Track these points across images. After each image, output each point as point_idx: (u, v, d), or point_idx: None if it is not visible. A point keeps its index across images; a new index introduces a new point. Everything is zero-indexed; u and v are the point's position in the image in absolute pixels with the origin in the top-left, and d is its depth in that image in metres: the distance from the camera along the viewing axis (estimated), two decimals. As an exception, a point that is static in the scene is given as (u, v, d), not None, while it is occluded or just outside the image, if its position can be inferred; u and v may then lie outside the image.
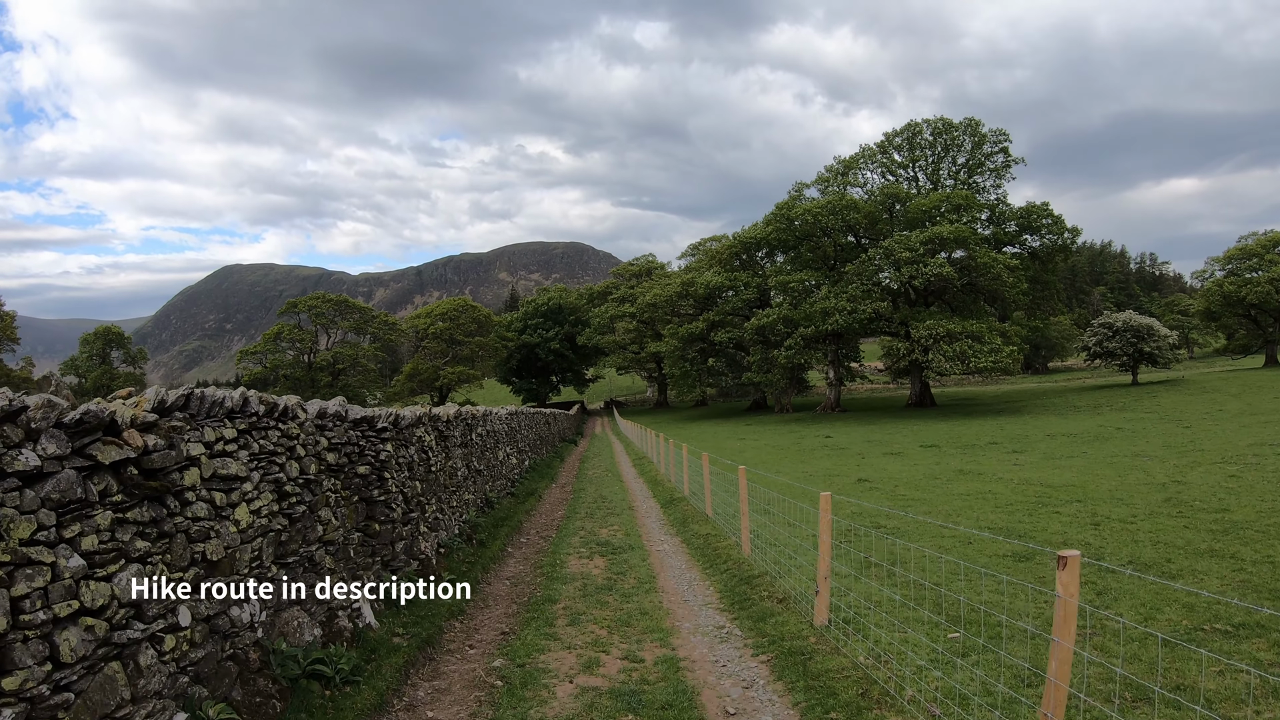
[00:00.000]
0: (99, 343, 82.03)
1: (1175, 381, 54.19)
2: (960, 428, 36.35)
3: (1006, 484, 15.95)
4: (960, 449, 25.96)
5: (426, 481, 9.17)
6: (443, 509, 10.05)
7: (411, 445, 8.52)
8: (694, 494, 15.79)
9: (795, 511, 12.58)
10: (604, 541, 11.66)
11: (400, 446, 8.14)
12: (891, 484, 17.41)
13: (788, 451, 29.88)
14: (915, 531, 11.11)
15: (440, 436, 10.26)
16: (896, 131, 67.02)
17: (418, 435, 8.82)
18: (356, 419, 6.99)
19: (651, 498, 17.49)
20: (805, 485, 16.46)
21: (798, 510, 12.60)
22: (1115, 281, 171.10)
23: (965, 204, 55.16)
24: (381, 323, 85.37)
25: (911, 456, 24.49)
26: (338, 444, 6.60)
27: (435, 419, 9.90)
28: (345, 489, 6.77)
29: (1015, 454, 22.85)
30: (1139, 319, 57.58)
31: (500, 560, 10.53)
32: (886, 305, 52.84)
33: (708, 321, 65.99)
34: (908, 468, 20.86)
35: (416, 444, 8.78)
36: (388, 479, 7.46)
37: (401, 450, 8.15)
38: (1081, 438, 26.33)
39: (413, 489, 8.42)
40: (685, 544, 11.27)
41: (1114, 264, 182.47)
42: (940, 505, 13.63)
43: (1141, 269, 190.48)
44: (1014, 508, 12.91)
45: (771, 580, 8.47)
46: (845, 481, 18.47)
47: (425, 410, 9.25)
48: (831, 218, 55.60)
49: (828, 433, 38.80)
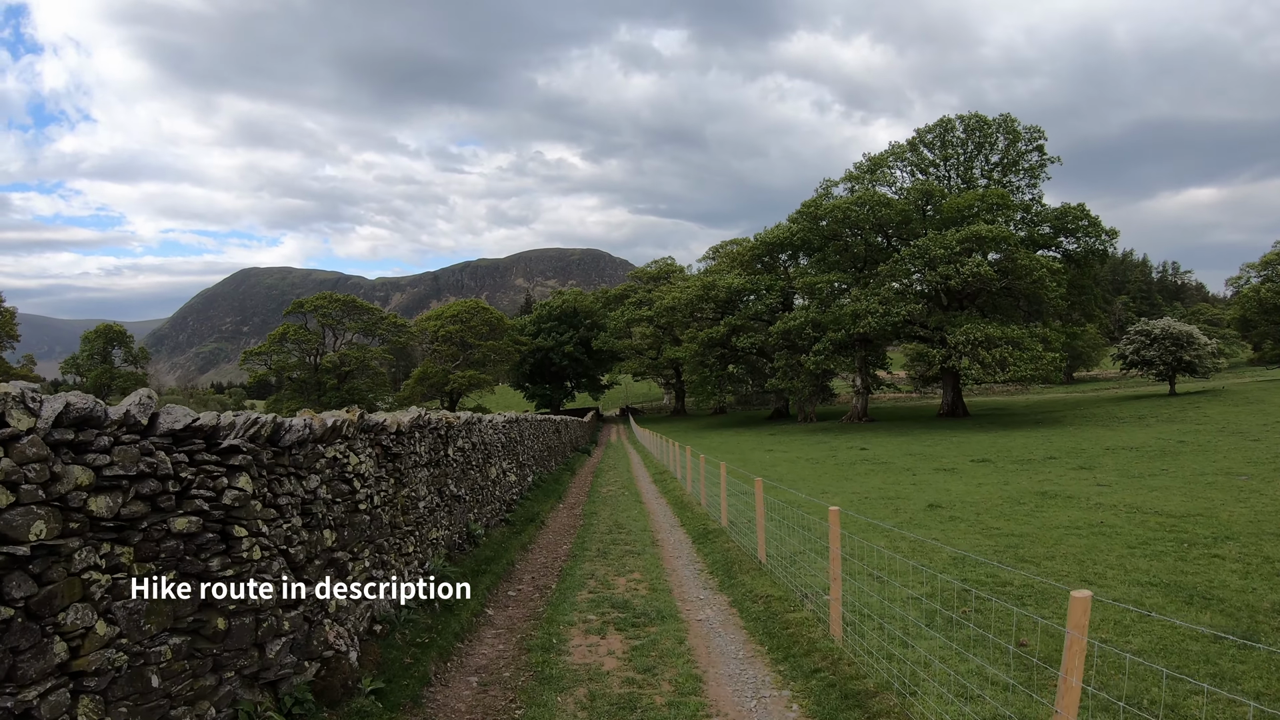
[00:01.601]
0: (100, 341, 79.97)
1: (1216, 392, 50.39)
2: (1004, 440, 33.17)
3: (1112, 512, 12.99)
4: (1017, 464, 23.22)
5: (351, 527, 5.96)
6: (385, 562, 6.83)
7: (314, 474, 5.31)
8: (734, 525, 12.51)
9: (874, 557, 9.33)
10: (622, 602, 8.37)
11: (287, 477, 4.94)
12: (970, 511, 14.18)
13: (824, 466, 26.54)
14: (1055, 596, 7.82)
15: (386, 455, 7.04)
16: (928, 128, 63.42)
17: (330, 457, 5.62)
18: (173, 431, 3.80)
19: (679, 526, 14.18)
20: (867, 517, 13.17)
21: (876, 555, 9.36)
22: (1137, 291, 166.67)
23: (1001, 203, 51.80)
24: (390, 324, 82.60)
25: (968, 474, 21.53)
26: (119, 479, 3.42)
27: (375, 430, 6.69)
28: (141, 558, 3.59)
29: (1084, 470, 20.22)
30: (1178, 326, 54.01)
31: (471, 636, 7.27)
32: (921, 308, 49.34)
33: (729, 326, 62.75)
34: (973, 488, 17.71)
35: (328, 470, 5.59)
36: (241, 537, 4.26)
37: (290, 483, 4.95)
38: (1147, 452, 23.77)
39: (313, 544, 5.23)
40: (738, 610, 7.95)
41: (1136, 273, 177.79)
42: (1054, 546, 10.37)
43: (1164, 278, 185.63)
44: (1153, 549, 9.84)
45: (902, 703, 5.18)
46: (911, 507, 15.20)
47: (353, 416, 6.05)
48: (863, 213, 52.20)
49: (862, 444, 35.43)
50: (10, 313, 68.01)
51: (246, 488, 4.36)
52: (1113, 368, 74.33)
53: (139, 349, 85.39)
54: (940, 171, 63.18)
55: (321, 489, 5.40)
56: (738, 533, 11.94)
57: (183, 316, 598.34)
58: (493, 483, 13.31)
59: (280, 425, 4.84)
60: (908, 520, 13.51)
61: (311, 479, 5.26)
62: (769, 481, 13.85)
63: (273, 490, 4.76)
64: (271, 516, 4.70)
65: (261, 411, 5.78)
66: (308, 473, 5.24)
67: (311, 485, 5.25)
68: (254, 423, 4.46)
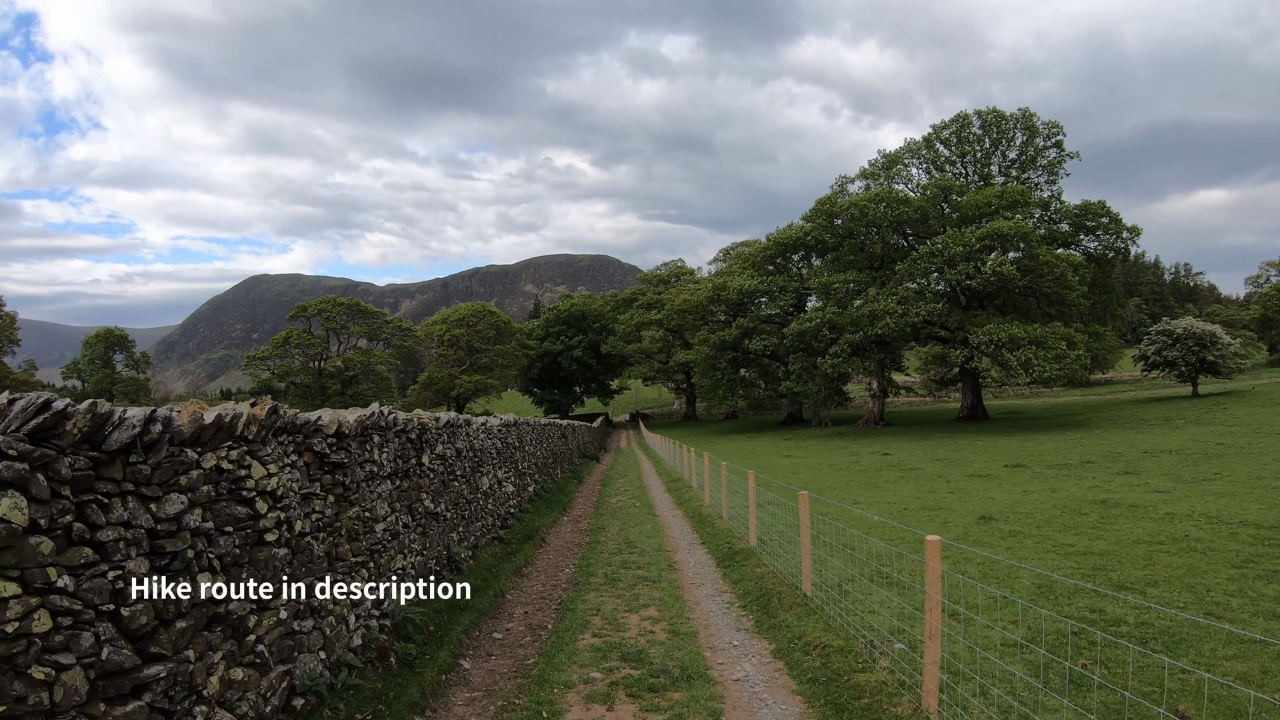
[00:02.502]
0: (100, 345, 78.68)
1: (1240, 393, 48.27)
2: (1032, 444, 31.37)
3: (1190, 523, 11.43)
4: (1054, 469, 21.51)
5: (253, 566, 4.20)
6: (316, 608, 5.05)
7: (179, 493, 3.55)
8: (765, 544, 10.70)
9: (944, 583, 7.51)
10: (634, 652, 6.52)
11: (120, 499, 3.18)
12: (1029, 524, 12.50)
13: (848, 473, 24.64)
14: (1188, 637, 6.03)
15: (321, 465, 5.28)
16: (945, 124, 61.40)
17: (211, 468, 3.85)
18: None
19: (699, 544, 12.34)
20: (913, 529, 11.36)
21: (946, 580, 7.56)
22: (1150, 293, 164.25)
23: (1021, 200, 49.83)
24: (396, 328, 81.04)
25: (1006, 480, 19.72)
26: None
27: (302, 430, 4.93)
28: None
29: (1129, 475, 18.55)
30: (1201, 325, 51.98)
31: (436, 703, 5.45)
32: (942, 308, 47.38)
33: (741, 328, 60.88)
34: (1019, 496, 15.99)
35: (208, 487, 3.83)
36: (5, 599, 2.51)
37: (126, 506, 3.20)
38: (1188, 455, 21.98)
39: (169, 602, 3.46)
40: (785, 665, 6.09)
41: (1148, 275, 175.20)
42: (1147, 567, 8.69)
43: (1176, 280, 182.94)
44: (1262, 567, 8.30)
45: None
46: (959, 519, 13.44)
47: (259, 411, 4.30)
48: (880, 210, 50.31)
49: (884, 449, 33.50)
50: (10, 317, 66.76)
51: (14, 518, 2.60)
52: (1133, 369, 71.82)
53: (141, 354, 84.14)
54: (957, 169, 61.18)
55: (192, 515, 3.63)
56: (770, 554, 10.11)
57: (193, 323, 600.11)
58: (484, 495, 11.52)
59: (103, 417, 3.08)
60: (962, 535, 11.71)
61: (172, 500, 3.49)
62: (781, 485, 12.01)
63: (85, 520, 3.00)
64: (80, 562, 2.95)
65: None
66: (166, 491, 3.48)
67: (172, 509, 3.48)
68: (40, 409, 2.71)
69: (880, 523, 12.34)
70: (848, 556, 9.23)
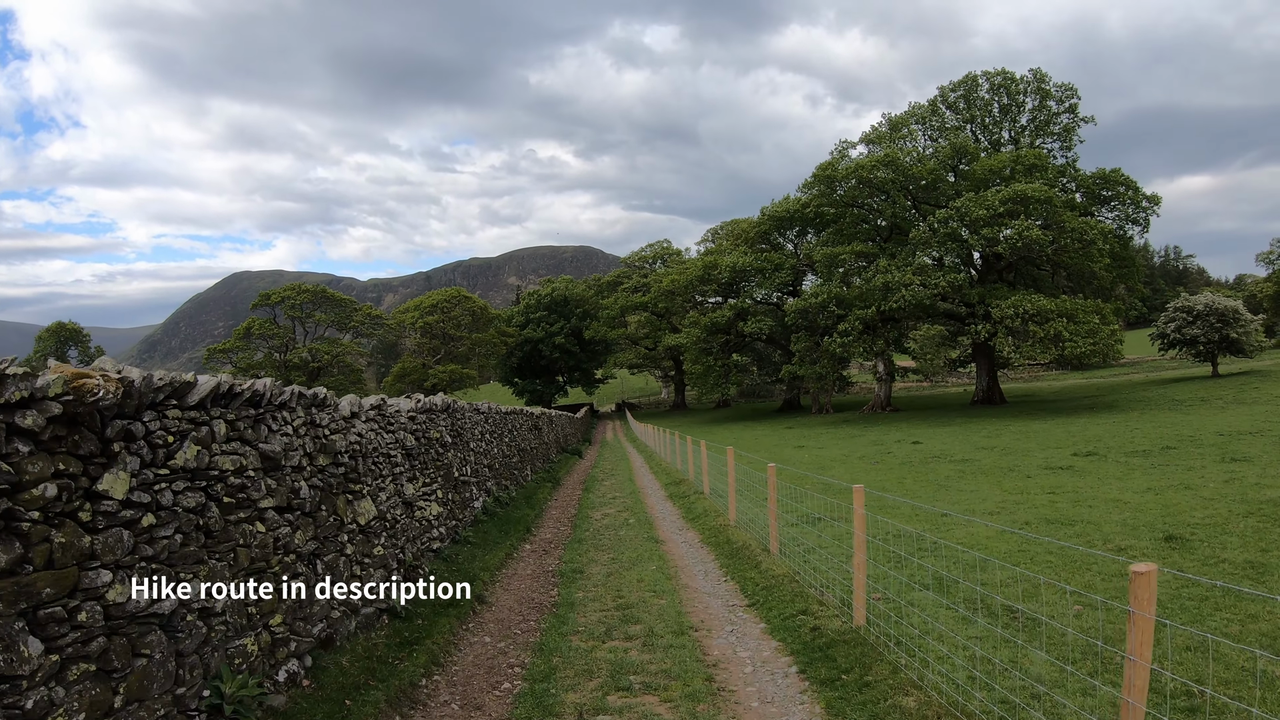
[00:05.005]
0: (52, 340, 73.50)
1: (1263, 373, 44.46)
2: (1076, 427, 27.41)
3: None
4: (1139, 457, 17.59)
5: None
6: None
7: None
8: (897, 618, 6.13)
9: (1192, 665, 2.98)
10: None
11: None
12: (1236, 545, 8.23)
13: (889, 466, 20.13)
14: None
15: None
16: (952, 85, 56.66)
17: None
18: None
19: (746, 609, 7.63)
20: (1088, 551, 6.88)
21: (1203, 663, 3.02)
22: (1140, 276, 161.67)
23: (1038, 164, 45.52)
24: (366, 316, 75.82)
25: (1094, 473, 15.76)
26: None
27: None
28: None
29: (1239, 463, 15.03)
30: (1223, 301, 48.05)
31: None
32: (964, 278, 42.99)
33: (734, 309, 56.28)
34: (1150, 497, 12.04)
35: None
36: None
37: None
38: (1273, 437, 18.62)
39: None
40: None
41: (1137, 258, 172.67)
42: None
43: (1166, 263, 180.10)
44: None
45: None
46: (1122, 537, 9.07)
47: None
48: (888, 174, 45.68)
49: (911, 438, 29.01)
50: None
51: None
52: (1150, 350, 67.61)
53: (96, 348, 78.82)
54: (965, 134, 56.66)
55: None
56: (908, 649, 5.50)
57: (175, 321, 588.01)
58: (364, 534, 6.85)
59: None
60: (1174, 578, 7.25)
61: None
62: (828, 482, 7.33)
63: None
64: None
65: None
66: None
67: None
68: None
69: (1052, 556, 7.79)
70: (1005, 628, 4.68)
